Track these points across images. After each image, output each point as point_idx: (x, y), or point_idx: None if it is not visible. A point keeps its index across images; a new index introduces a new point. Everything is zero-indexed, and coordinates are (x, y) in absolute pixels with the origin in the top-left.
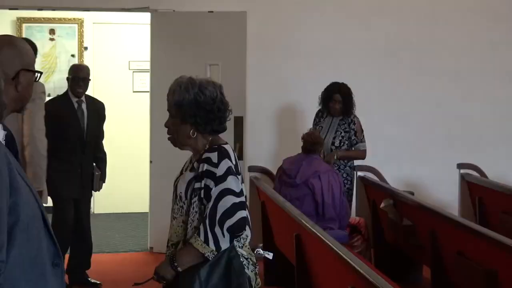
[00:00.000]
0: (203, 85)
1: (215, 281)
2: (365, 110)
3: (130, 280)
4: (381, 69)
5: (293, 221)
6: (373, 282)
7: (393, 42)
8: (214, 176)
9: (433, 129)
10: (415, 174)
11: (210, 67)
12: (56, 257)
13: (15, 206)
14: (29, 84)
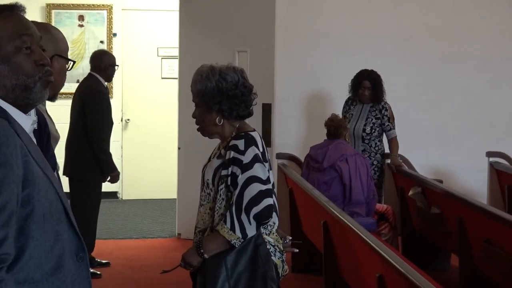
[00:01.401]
0: (224, 71)
1: (241, 268)
2: (393, 97)
3: (157, 266)
4: (409, 56)
5: (320, 208)
6: (400, 270)
7: (420, 29)
8: (241, 164)
9: (461, 117)
10: (444, 162)
11: (238, 54)
12: (80, 250)
13: (29, 198)
14: (62, 71)
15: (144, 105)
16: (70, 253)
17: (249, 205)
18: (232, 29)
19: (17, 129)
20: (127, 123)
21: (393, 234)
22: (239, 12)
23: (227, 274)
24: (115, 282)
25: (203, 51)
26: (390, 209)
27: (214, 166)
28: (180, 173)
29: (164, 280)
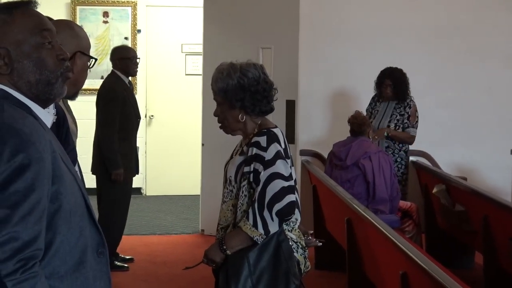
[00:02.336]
0: (245, 68)
1: (264, 265)
2: (417, 94)
3: (181, 262)
4: (433, 51)
5: (344, 205)
6: (424, 267)
7: (445, 24)
8: (263, 160)
9: (485, 114)
10: (468, 159)
11: (262, 50)
12: (100, 245)
13: (57, 195)
14: (84, 69)
15: (168, 101)
16: (91, 248)
17: (272, 201)
18: (256, 26)
19: (43, 125)
20: (151, 119)
21: (417, 231)
22: (263, 8)
23: (250, 270)
24: (139, 277)
25: (227, 47)
26: (414, 207)
27: (237, 163)
28: (203, 169)
29: (187, 276)
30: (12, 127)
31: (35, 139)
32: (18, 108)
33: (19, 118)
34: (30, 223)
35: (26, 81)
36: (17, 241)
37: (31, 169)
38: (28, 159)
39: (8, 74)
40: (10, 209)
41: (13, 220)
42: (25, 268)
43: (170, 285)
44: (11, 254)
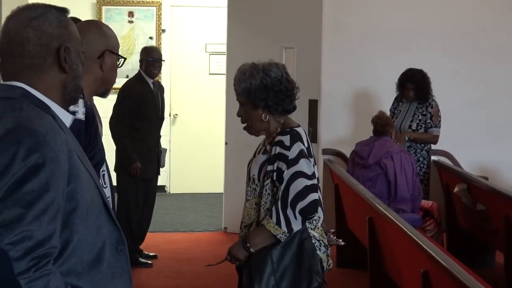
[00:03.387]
0: (267, 67)
1: (287, 262)
2: (439, 94)
3: (204, 259)
4: (456, 52)
5: (366, 204)
6: (446, 266)
7: (469, 24)
8: (287, 159)
9: (507, 114)
10: (489, 159)
11: (285, 50)
12: (119, 243)
13: (73, 194)
14: (113, 67)
15: (192, 100)
16: (110, 246)
17: (295, 200)
18: (279, 26)
19: (60, 124)
20: (175, 118)
21: (438, 230)
22: (286, 8)
23: (273, 268)
24: (162, 274)
25: (250, 47)
26: (435, 206)
27: (260, 161)
28: (227, 168)
29: (211, 273)
30: (27, 127)
31: (50, 139)
32: (37, 107)
33: (36, 118)
34: (44, 222)
35: (79, 84)
36: (30, 240)
37: (46, 169)
38: (43, 159)
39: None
40: (24, 208)
41: (27, 219)
42: (38, 266)
43: (193, 282)
44: (24, 252)
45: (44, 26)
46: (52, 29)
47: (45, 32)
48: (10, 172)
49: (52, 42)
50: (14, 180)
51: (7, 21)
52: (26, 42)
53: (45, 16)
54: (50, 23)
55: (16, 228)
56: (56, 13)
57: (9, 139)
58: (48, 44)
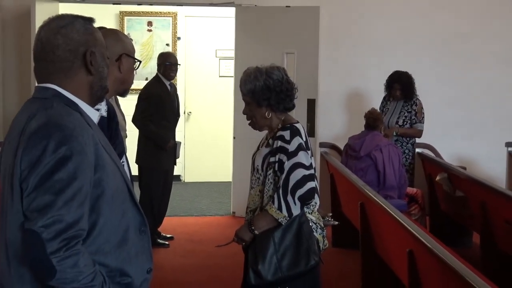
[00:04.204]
0: (269, 71)
1: (287, 243)
2: (423, 94)
3: (215, 240)
4: (438, 57)
5: (358, 191)
6: (428, 246)
7: (449, 33)
8: (287, 152)
9: (484, 111)
10: (467, 151)
11: (286, 55)
12: (142, 225)
13: (100, 181)
14: (130, 69)
15: (204, 100)
16: (134, 228)
17: (294, 187)
18: (281, 34)
19: (88, 120)
20: (189, 115)
21: (422, 214)
22: (287, 18)
23: (275, 248)
24: (178, 253)
25: (255, 52)
26: (419, 192)
27: (263, 153)
28: (235, 159)
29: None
30: (57, 123)
31: (77, 134)
32: (66, 105)
33: (65, 115)
34: (73, 207)
35: (105, 85)
36: (61, 223)
37: (73, 160)
38: (71, 151)
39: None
40: (55, 195)
41: (58, 204)
42: (68, 247)
43: (205, 260)
44: (55, 234)
45: (72, 33)
46: (79, 35)
47: (73, 39)
48: (42, 163)
49: (79, 47)
50: (46, 170)
51: (40, 31)
52: (56, 48)
53: (72, 25)
54: (77, 30)
55: (48, 213)
56: (82, 22)
57: (41, 134)
58: (75, 49)
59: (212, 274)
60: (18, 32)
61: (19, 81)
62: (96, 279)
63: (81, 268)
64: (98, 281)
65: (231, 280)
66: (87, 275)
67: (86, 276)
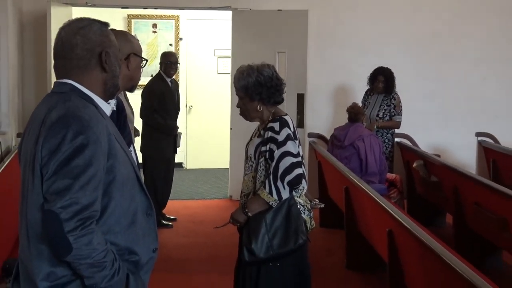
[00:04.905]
0: (260, 68)
1: (278, 224)
2: (402, 89)
3: (214, 221)
4: (415, 55)
5: (343, 177)
6: (406, 225)
7: (426, 33)
8: (277, 141)
9: (456, 104)
10: (441, 140)
11: (278, 54)
12: (149, 208)
13: (112, 168)
14: (138, 67)
15: (204, 94)
16: (141, 211)
17: (283, 174)
18: (273, 35)
19: (101, 113)
20: (190, 109)
21: (401, 197)
22: (279, 21)
23: (267, 228)
24: (180, 233)
25: (250, 51)
26: (398, 178)
27: (255, 143)
28: (231, 148)
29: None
30: (75, 114)
31: (93, 124)
32: (83, 99)
33: (82, 107)
34: (88, 191)
35: (117, 83)
36: (77, 204)
37: (89, 148)
38: (87, 140)
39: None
40: (72, 179)
41: (75, 188)
42: (84, 226)
43: (205, 239)
44: (72, 215)
45: (89, 34)
46: (96, 37)
47: (90, 39)
48: (61, 150)
49: (96, 47)
50: (64, 157)
51: (60, 31)
52: (75, 47)
53: (90, 27)
54: (94, 32)
55: (66, 195)
56: (99, 25)
57: (60, 124)
58: (92, 48)
59: (211, 252)
60: (36, 33)
61: (36, 77)
62: (108, 256)
63: (94, 246)
64: (109, 258)
65: (228, 257)
66: (100, 252)
67: (99, 253)
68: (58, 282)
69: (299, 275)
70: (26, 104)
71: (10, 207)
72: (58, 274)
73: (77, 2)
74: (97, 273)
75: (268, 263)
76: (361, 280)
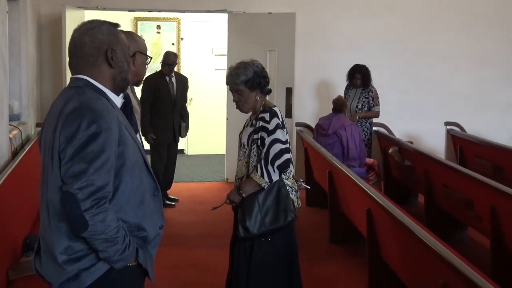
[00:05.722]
0: (251, 61)
1: (269, 203)
2: (379, 83)
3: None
4: (391, 53)
5: (326, 162)
6: (383, 205)
7: (400, 33)
8: (267, 130)
9: (427, 97)
10: (414, 129)
11: (269, 52)
12: (155, 189)
13: (122, 154)
14: (143, 64)
15: (203, 88)
16: (149, 192)
17: (273, 159)
18: (264, 35)
19: (113, 105)
20: (191, 101)
21: (378, 179)
22: (269, 22)
23: (259, 207)
24: (182, 212)
25: (244, 50)
26: (376, 162)
27: (248, 132)
28: (228, 136)
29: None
30: (89, 105)
31: (105, 114)
32: (95, 92)
33: (94, 99)
34: (102, 173)
35: (125, 77)
36: (92, 186)
37: (102, 136)
38: (100, 128)
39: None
40: (87, 163)
41: (90, 171)
42: (98, 205)
43: (204, 217)
44: (88, 195)
45: (97, 34)
46: (103, 36)
47: (98, 38)
48: (76, 138)
49: (103, 45)
50: (80, 143)
51: (74, 32)
52: (84, 45)
53: (99, 27)
54: (102, 32)
55: (82, 178)
56: (108, 26)
57: (76, 114)
58: (99, 47)
59: (210, 229)
60: (52, 33)
61: (53, 72)
62: (120, 232)
63: (108, 223)
64: (121, 234)
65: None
66: (113, 228)
67: (112, 229)
68: (75, 255)
69: (288, 248)
70: (44, 97)
71: (30, 188)
72: (75, 248)
73: (89, 6)
74: (110, 247)
75: (260, 238)
76: (342, 252)
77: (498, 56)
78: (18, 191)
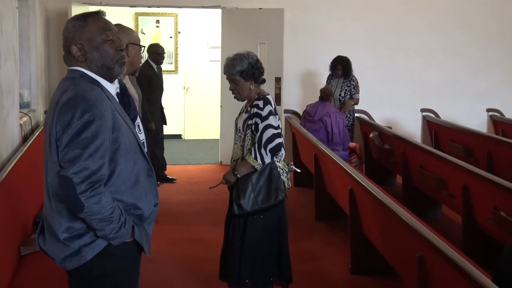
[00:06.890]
0: (247, 53)
1: (261, 184)
2: (361, 74)
3: (207, 181)
4: (372, 46)
5: (312, 146)
6: (364, 185)
7: (380, 28)
8: (261, 116)
9: (405, 87)
10: (392, 115)
11: (259, 45)
12: (149, 171)
13: (116, 139)
14: (137, 54)
15: (198, 78)
16: (143, 173)
17: (266, 143)
18: (255, 29)
19: (107, 94)
20: (188, 90)
21: (360, 162)
22: (260, 17)
23: (253, 187)
24: (179, 191)
25: (236, 42)
26: (358, 146)
27: (243, 118)
28: (222, 122)
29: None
30: (82, 96)
31: (98, 103)
32: (89, 83)
33: (88, 90)
34: (96, 158)
35: (95, 65)
36: (87, 170)
37: (95, 123)
38: (93, 117)
39: (84, 61)
40: (82, 149)
41: (84, 156)
42: (93, 188)
43: (200, 197)
44: (83, 179)
45: (65, 33)
46: (68, 34)
47: (64, 36)
48: (71, 126)
49: (68, 43)
50: (74, 131)
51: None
52: (63, 44)
53: (66, 26)
54: (68, 30)
55: (77, 162)
56: (74, 21)
57: (70, 104)
58: (67, 45)
59: (206, 207)
60: (59, 27)
61: (60, 63)
62: (115, 212)
63: (103, 204)
64: (116, 214)
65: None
66: (108, 209)
67: (106, 210)
68: (75, 233)
69: (278, 224)
70: (51, 86)
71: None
72: (75, 227)
73: (94, 2)
74: (106, 226)
75: (253, 215)
76: (327, 228)
77: (469, 49)
78: (28, 172)
